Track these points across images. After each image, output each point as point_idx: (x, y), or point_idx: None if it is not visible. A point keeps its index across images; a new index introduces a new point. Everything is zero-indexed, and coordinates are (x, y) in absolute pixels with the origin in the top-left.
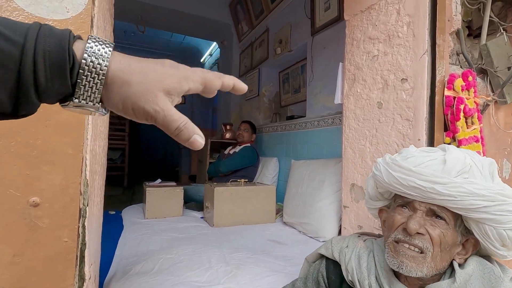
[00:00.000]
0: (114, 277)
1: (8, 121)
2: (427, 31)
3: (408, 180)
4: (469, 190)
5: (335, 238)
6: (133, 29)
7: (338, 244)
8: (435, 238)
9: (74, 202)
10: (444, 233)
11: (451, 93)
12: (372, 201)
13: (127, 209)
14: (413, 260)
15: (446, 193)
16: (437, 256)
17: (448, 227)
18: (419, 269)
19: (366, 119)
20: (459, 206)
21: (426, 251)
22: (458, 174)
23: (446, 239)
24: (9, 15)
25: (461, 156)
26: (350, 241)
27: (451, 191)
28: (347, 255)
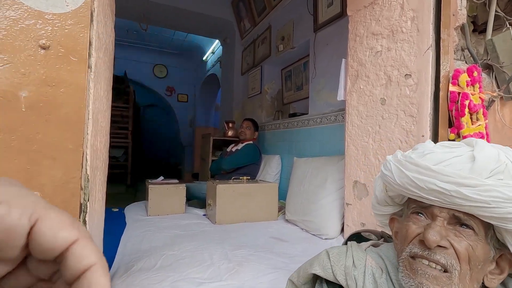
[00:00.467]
0: (116, 273)
1: (8, 115)
2: (432, 26)
3: (426, 182)
4: (506, 195)
5: (331, 252)
6: (136, 27)
7: (339, 263)
8: (462, 253)
9: (74, 197)
10: (473, 246)
11: (455, 89)
12: (380, 206)
13: (130, 206)
14: (435, 282)
15: (475, 198)
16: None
17: (477, 238)
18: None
19: (369, 116)
20: (492, 214)
21: (452, 269)
22: (491, 174)
23: (476, 253)
24: (8, 9)
25: (494, 152)
26: (355, 256)
27: (483, 196)
28: (358, 280)
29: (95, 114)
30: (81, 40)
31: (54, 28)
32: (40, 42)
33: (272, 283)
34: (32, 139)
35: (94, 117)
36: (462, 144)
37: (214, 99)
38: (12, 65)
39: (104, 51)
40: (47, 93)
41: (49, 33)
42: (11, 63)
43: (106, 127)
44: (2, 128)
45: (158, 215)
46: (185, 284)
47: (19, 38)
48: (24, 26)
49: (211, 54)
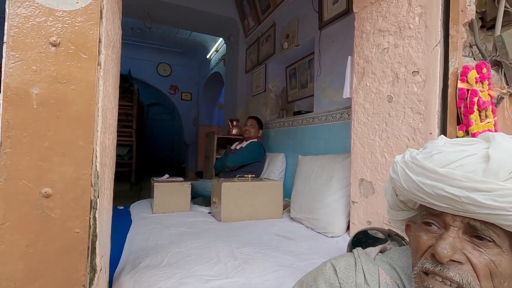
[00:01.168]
0: (123, 270)
1: (20, 112)
2: (440, 22)
3: (433, 187)
4: None
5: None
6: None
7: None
8: (482, 269)
9: (85, 194)
10: (496, 260)
11: (464, 86)
12: (393, 212)
13: (135, 204)
14: None
15: (491, 204)
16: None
17: (501, 251)
18: None
19: (375, 113)
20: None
21: (469, 287)
22: (510, 176)
23: (500, 270)
24: (20, 6)
25: None
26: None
27: (500, 202)
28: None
29: (104, 111)
30: (90, 37)
31: (65, 25)
32: (50, 39)
33: (279, 280)
34: (44, 136)
35: (103, 114)
36: (478, 140)
37: (217, 98)
38: (23, 62)
39: (112, 49)
40: (58, 90)
41: (59, 30)
42: (22, 60)
43: (114, 124)
44: (14, 125)
45: (164, 212)
46: (192, 281)
47: (30, 35)
48: (35, 23)
49: (215, 53)
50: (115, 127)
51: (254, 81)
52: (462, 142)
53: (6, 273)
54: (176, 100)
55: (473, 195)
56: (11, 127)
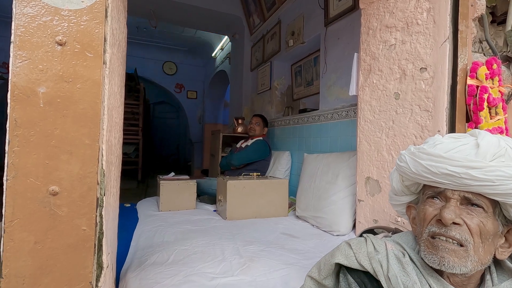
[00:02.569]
0: (130, 267)
1: (27, 111)
2: (449, 17)
3: (439, 168)
4: (508, 174)
5: (351, 242)
6: (146, 24)
7: (361, 250)
8: (474, 228)
9: (91, 191)
10: (484, 222)
11: (474, 82)
12: (397, 197)
13: (141, 202)
14: (454, 255)
15: (482, 178)
16: (479, 248)
17: (487, 215)
18: (463, 264)
19: (382, 111)
20: (497, 191)
21: (466, 243)
22: (494, 157)
23: (487, 228)
24: (26, 6)
25: (495, 139)
26: (375, 243)
27: (488, 176)
28: (383, 262)
29: (110, 110)
30: (96, 36)
31: (70, 24)
32: (56, 38)
33: (284, 278)
34: (51, 134)
35: (109, 113)
36: (467, 135)
37: (223, 96)
38: (30, 61)
39: (118, 47)
40: (64, 89)
41: (65, 29)
42: (29, 59)
43: (120, 123)
44: (22, 123)
45: (170, 210)
46: (198, 278)
47: (36, 35)
48: (41, 23)
49: (220, 51)
50: (121, 126)
51: (259, 79)
52: (456, 136)
53: (16, 269)
54: (182, 98)
55: (470, 171)
56: (19, 126)
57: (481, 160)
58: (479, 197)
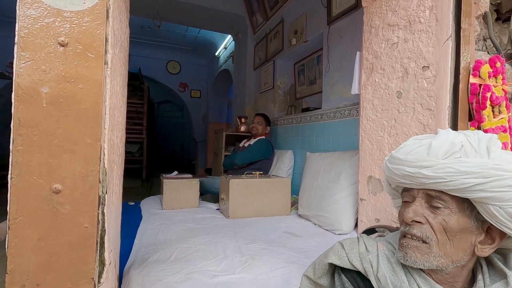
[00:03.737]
0: (133, 264)
1: (30, 111)
2: (451, 15)
3: (400, 170)
4: (457, 169)
5: (344, 242)
6: (149, 24)
7: (353, 250)
8: (436, 226)
9: (93, 190)
10: (446, 219)
11: (476, 81)
12: (394, 200)
13: (145, 200)
14: (417, 251)
15: (433, 175)
16: (445, 245)
17: (450, 212)
18: (426, 260)
19: (384, 110)
20: (451, 187)
21: (428, 240)
22: (447, 155)
23: (450, 225)
24: (29, 8)
25: (450, 137)
26: (367, 243)
27: (439, 173)
28: (373, 263)
29: (111, 109)
30: (97, 37)
31: (72, 26)
32: (59, 39)
33: (285, 277)
34: (53, 134)
35: (110, 112)
36: (430, 136)
37: (226, 95)
38: (33, 62)
39: (120, 48)
40: (66, 89)
41: (67, 30)
42: (32, 60)
43: (122, 122)
44: (25, 123)
45: (173, 208)
46: (199, 276)
47: (39, 36)
48: (44, 24)
49: (224, 50)
50: (124, 125)
51: (262, 78)
52: (422, 137)
53: (20, 264)
54: (186, 97)
55: (422, 170)
56: (22, 125)
57: (432, 159)
58: (442, 195)
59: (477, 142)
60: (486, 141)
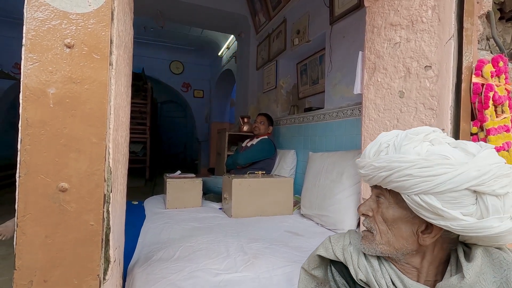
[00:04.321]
0: (137, 262)
1: (38, 111)
2: (454, 14)
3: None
4: (375, 166)
5: (332, 236)
6: (153, 24)
7: (338, 243)
8: (377, 217)
9: (98, 188)
10: (384, 211)
11: (479, 80)
12: None
13: (149, 199)
14: (366, 240)
15: (364, 173)
16: (386, 234)
17: (388, 204)
18: (372, 247)
19: (386, 109)
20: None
21: (372, 230)
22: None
23: (386, 216)
24: (36, 10)
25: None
26: (352, 238)
27: (367, 171)
28: (353, 254)
29: (116, 109)
30: (102, 38)
31: (78, 28)
32: (65, 41)
33: (287, 275)
34: (60, 133)
35: (115, 112)
36: None
37: (229, 95)
38: (40, 63)
39: (124, 49)
40: (72, 89)
41: (73, 32)
42: (39, 61)
43: (126, 122)
44: (33, 123)
45: (176, 208)
46: (202, 274)
47: (46, 38)
48: (51, 26)
49: (226, 50)
50: (128, 125)
51: (265, 77)
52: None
53: (28, 261)
54: (189, 97)
55: (360, 170)
56: (30, 125)
57: (365, 160)
58: (382, 190)
59: (399, 141)
60: (402, 138)
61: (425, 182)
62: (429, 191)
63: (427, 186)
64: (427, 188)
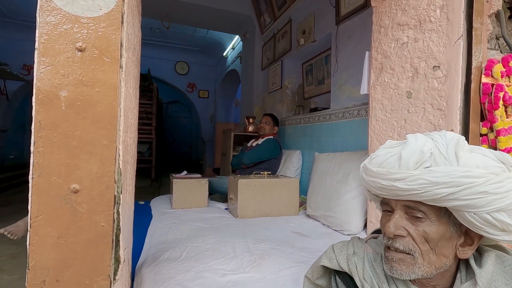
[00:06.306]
0: (145, 262)
1: (50, 113)
2: (463, 14)
3: (375, 182)
4: (429, 181)
5: (335, 245)
6: (158, 25)
7: (342, 252)
8: (417, 238)
9: (109, 190)
10: (427, 230)
11: (489, 80)
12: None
13: (155, 199)
14: (402, 263)
15: (407, 188)
16: (429, 254)
17: (430, 222)
18: (411, 271)
19: (394, 110)
20: (426, 198)
21: (412, 252)
22: (417, 165)
23: (431, 235)
24: (49, 15)
25: (419, 145)
26: (355, 246)
27: (412, 185)
28: (358, 265)
29: (126, 111)
30: (113, 42)
31: (89, 31)
32: (76, 44)
33: (294, 276)
34: (72, 136)
35: (125, 114)
36: (400, 143)
37: (234, 95)
38: (52, 67)
39: (133, 51)
40: (84, 92)
41: (84, 36)
42: (52, 65)
43: (135, 123)
44: (45, 125)
45: (182, 208)
46: (209, 274)
47: (58, 42)
48: (63, 30)
49: (231, 50)
50: (136, 126)
51: (270, 78)
52: (391, 145)
53: (41, 261)
54: (194, 97)
55: (395, 183)
56: (43, 128)
57: (404, 171)
58: (420, 205)
59: (445, 148)
60: (454, 146)
61: (500, 199)
62: (504, 208)
63: (503, 203)
64: (503, 205)
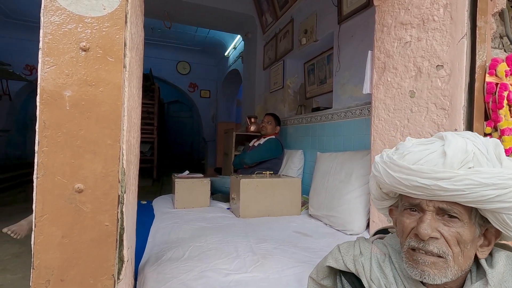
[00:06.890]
0: (147, 262)
1: (55, 113)
2: (467, 12)
3: (410, 180)
4: (477, 181)
5: (341, 245)
6: (160, 25)
7: (348, 253)
8: (451, 240)
9: (113, 189)
10: (460, 232)
11: (493, 79)
12: (378, 202)
13: (157, 199)
14: (434, 267)
15: (452, 188)
16: (458, 257)
17: (463, 224)
18: (443, 275)
19: (397, 109)
20: (469, 199)
21: (445, 255)
22: (462, 165)
23: (464, 238)
24: (53, 14)
25: (461, 143)
26: (362, 247)
27: (458, 185)
28: (365, 265)
29: (129, 111)
30: (117, 41)
31: (93, 31)
32: (80, 44)
33: (297, 276)
34: (76, 135)
35: (128, 114)
36: (435, 139)
37: (236, 95)
38: (57, 67)
39: (136, 51)
40: (88, 92)
41: (88, 35)
42: (56, 65)
43: (138, 123)
44: (50, 125)
45: (184, 208)
46: (212, 274)
47: (62, 42)
48: (67, 30)
49: (233, 50)
50: (139, 126)
51: (272, 77)
52: (424, 142)
53: (46, 261)
54: (195, 97)
55: (439, 182)
56: (47, 127)
57: (449, 170)
58: (454, 206)
59: (485, 149)
60: (494, 148)
61: None
62: None
63: None
64: None
